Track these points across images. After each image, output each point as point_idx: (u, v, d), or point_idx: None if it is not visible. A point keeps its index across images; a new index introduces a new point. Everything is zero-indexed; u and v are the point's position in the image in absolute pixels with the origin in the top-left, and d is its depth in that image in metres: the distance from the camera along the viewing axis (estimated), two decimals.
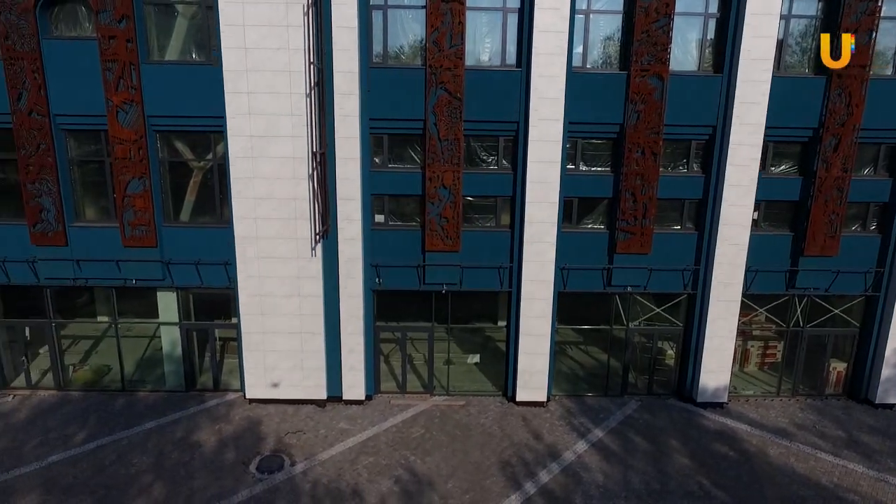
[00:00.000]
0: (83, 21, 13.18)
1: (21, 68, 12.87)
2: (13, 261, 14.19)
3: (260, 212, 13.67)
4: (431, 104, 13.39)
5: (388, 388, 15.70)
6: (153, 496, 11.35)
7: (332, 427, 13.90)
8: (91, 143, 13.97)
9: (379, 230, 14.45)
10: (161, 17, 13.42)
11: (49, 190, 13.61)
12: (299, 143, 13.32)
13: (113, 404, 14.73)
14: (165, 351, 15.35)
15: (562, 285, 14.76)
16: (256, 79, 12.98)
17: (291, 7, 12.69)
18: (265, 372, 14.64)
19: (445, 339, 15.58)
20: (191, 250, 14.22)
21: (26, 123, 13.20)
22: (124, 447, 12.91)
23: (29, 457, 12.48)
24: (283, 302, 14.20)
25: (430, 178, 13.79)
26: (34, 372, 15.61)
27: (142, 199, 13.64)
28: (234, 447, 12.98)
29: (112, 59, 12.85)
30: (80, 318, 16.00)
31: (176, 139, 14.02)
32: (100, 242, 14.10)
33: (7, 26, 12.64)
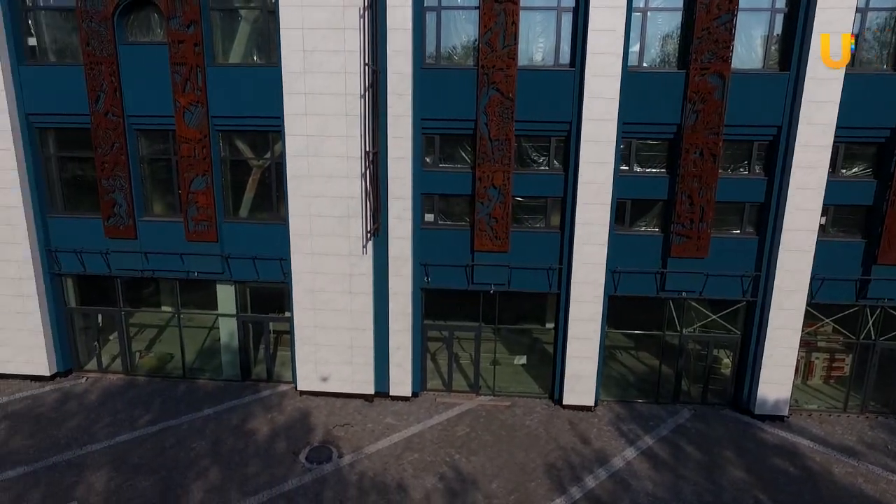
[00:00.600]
0: (155, 27, 13.95)
1: (99, 72, 13.77)
2: (89, 252, 15.19)
3: (314, 209, 14.07)
4: (483, 104, 13.42)
5: (435, 386, 15.83)
6: (210, 480, 11.88)
7: (378, 422, 14.15)
8: (160, 142, 14.76)
9: (428, 229, 14.59)
10: (225, 22, 14.04)
11: (121, 186, 14.49)
12: (353, 142, 13.62)
13: (175, 390, 15.53)
14: (223, 341, 16.03)
15: (612, 289, 14.46)
16: (313, 80, 13.37)
17: (348, 10, 13.00)
18: (316, 365, 15.05)
19: (492, 339, 15.57)
20: (248, 245, 14.81)
21: (103, 124, 14.10)
22: (184, 431, 13.58)
23: (99, 435, 13.32)
24: (334, 298, 14.56)
25: (480, 178, 13.82)
26: (105, 356, 16.65)
27: (204, 195, 14.31)
28: (286, 437, 13.42)
29: (180, 63, 13.55)
30: (147, 308, 16.94)
31: (237, 138, 14.62)
32: (165, 236, 14.90)
33: (88, 33, 13.55)
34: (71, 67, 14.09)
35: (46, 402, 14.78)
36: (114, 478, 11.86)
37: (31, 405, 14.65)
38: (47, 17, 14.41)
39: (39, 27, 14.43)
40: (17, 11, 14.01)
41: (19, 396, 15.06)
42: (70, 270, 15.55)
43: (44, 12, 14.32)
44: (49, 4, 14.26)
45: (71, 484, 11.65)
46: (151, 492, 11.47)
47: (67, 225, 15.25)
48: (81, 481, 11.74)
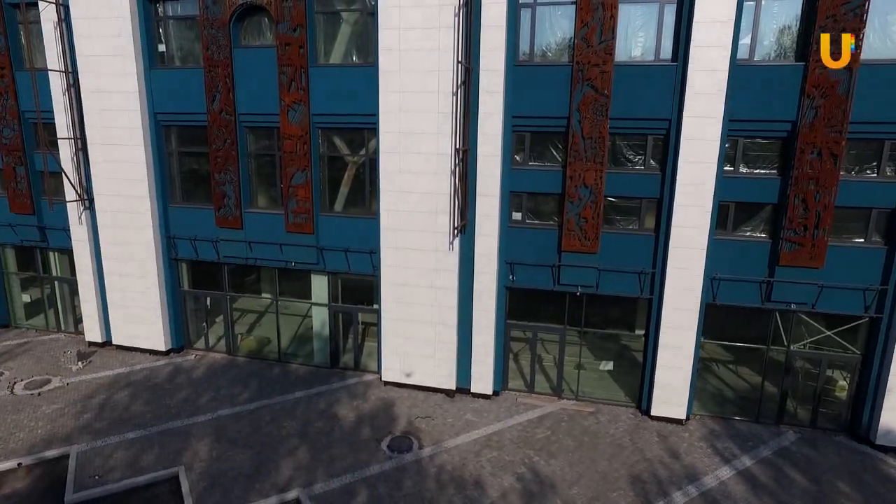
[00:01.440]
0: (265, 31, 14.95)
1: (216, 74, 14.98)
2: (201, 240, 16.57)
3: (403, 205, 14.43)
4: (576, 101, 13.10)
5: (516, 385, 15.68)
6: (298, 458, 12.54)
7: (459, 417, 14.24)
8: (265, 138, 15.79)
9: (516, 227, 14.47)
10: (328, 25, 14.74)
11: (231, 179, 15.66)
12: (444, 139, 13.81)
13: (270, 372, 16.56)
14: (315, 329, 16.87)
15: (711, 296, 13.58)
16: (408, 78, 13.70)
17: (444, 9, 13.19)
18: (400, 357, 15.43)
19: (577, 342, 15.16)
20: (342, 238, 15.47)
21: (217, 122, 15.32)
22: (277, 411, 14.43)
23: (204, 408, 14.50)
24: (420, 292, 14.85)
25: (570, 177, 13.51)
26: (211, 337, 18.09)
27: (303, 189, 15.12)
28: (369, 424, 13.87)
29: (287, 64, 14.42)
30: (249, 294, 18.18)
31: (335, 135, 15.31)
32: (267, 227, 15.91)
33: (208, 38, 14.78)
34: (192, 70, 15.46)
35: (161, 375, 16.31)
36: (215, 448, 12.85)
37: (149, 376, 16.23)
38: (174, 26, 15.91)
39: (168, 35, 15.96)
40: (151, 21, 15.58)
41: (139, 367, 16.74)
42: (185, 256, 17.06)
43: (172, 21, 15.81)
44: (177, 14, 15.70)
45: (179, 450, 12.76)
46: (247, 465, 12.29)
47: (184, 214, 16.74)
48: (187, 448, 12.82)
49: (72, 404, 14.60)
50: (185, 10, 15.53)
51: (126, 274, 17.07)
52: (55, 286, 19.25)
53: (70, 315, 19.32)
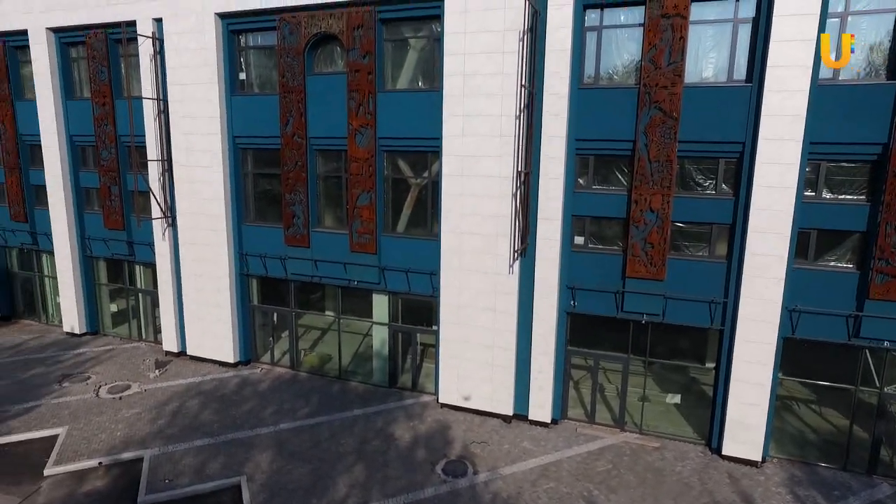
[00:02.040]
0: (337, 59, 15.64)
1: (290, 100, 15.78)
2: (271, 257, 17.32)
3: (464, 227, 14.50)
4: (643, 124, 12.79)
5: (576, 415, 15.18)
6: (354, 476, 12.65)
7: (515, 444, 13.94)
8: (333, 161, 16.40)
9: (578, 252, 14.19)
10: (396, 51, 15.24)
11: (300, 200, 16.33)
12: (505, 162, 13.83)
13: (331, 389, 16.91)
14: (375, 348, 17.11)
15: (790, 330, 12.69)
16: (471, 103, 13.89)
17: (508, 34, 13.34)
18: (458, 380, 15.35)
19: (642, 372, 14.53)
20: (403, 259, 15.71)
21: (290, 145, 16.09)
22: (336, 428, 14.67)
23: (267, 421, 14.97)
24: (479, 315, 14.78)
25: (636, 201, 13.13)
26: (276, 351, 18.74)
27: (368, 210, 15.53)
28: (425, 446, 13.82)
29: (355, 90, 14.99)
30: (313, 311, 18.73)
31: (399, 158, 15.69)
32: (333, 246, 16.42)
33: (284, 66, 15.65)
34: (268, 96, 16.38)
35: (229, 386, 17.02)
36: (275, 460, 13.20)
37: (218, 386, 16.98)
38: (254, 55, 16.95)
39: (248, 63, 17.03)
40: (234, 51, 16.69)
41: (209, 378, 17.56)
42: (255, 272, 17.87)
43: (252, 50, 16.87)
44: (257, 44, 16.75)
45: (242, 460, 13.20)
46: (305, 479, 12.53)
47: (256, 232, 17.58)
48: (250, 459, 13.25)
49: (148, 410, 15.48)
50: (265, 41, 16.54)
51: (201, 288, 18.07)
52: (139, 298, 20.65)
53: (151, 325, 20.62)
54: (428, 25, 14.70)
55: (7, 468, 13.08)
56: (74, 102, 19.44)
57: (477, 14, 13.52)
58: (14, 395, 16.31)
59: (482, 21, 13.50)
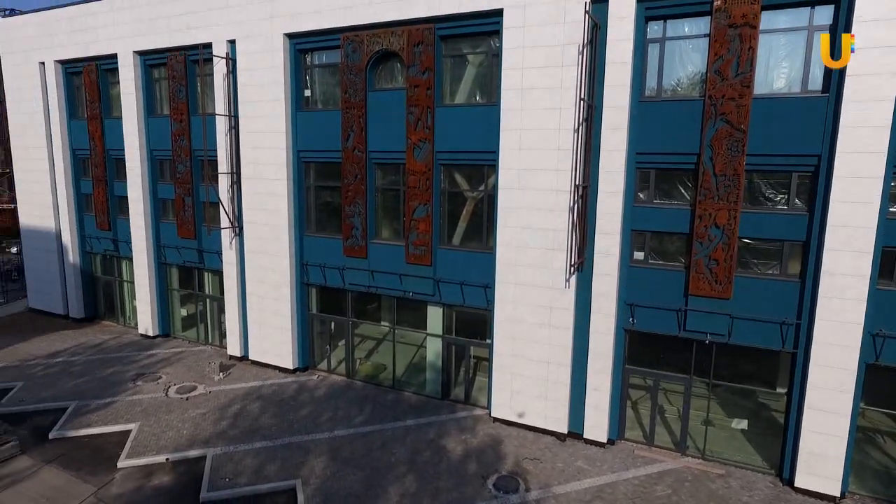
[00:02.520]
0: (397, 75, 16.04)
1: (352, 115, 16.30)
2: (330, 267, 17.82)
3: (520, 240, 14.42)
4: (708, 137, 12.37)
5: (634, 436, 14.65)
6: (406, 486, 12.71)
7: (569, 463, 13.59)
8: (392, 174, 16.75)
9: (637, 267, 13.80)
10: (454, 67, 15.47)
11: (359, 212, 16.76)
12: (563, 176, 13.70)
13: (384, 398, 17.11)
14: (429, 360, 17.20)
15: (873, 355, 11.80)
16: (529, 116, 13.88)
17: (568, 48, 13.28)
18: (511, 395, 15.18)
19: (705, 395, 13.88)
20: (458, 271, 15.78)
21: (350, 158, 16.58)
22: (388, 437, 14.81)
23: (322, 427, 15.30)
24: (533, 329, 14.60)
25: (700, 216, 12.67)
26: (333, 359, 19.17)
27: (424, 223, 15.74)
28: (476, 460, 13.71)
29: (414, 105, 15.31)
30: (369, 321, 19.07)
31: (456, 171, 15.84)
32: (389, 258, 16.71)
33: (347, 83, 16.21)
34: (331, 112, 16.98)
35: (288, 391, 17.55)
36: (329, 466, 13.45)
37: (277, 391, 17.53)
38: (318, 73, 17.66)
39: (313, 81, 17.74)
40: (300, 70, 17.45)
41: (270, 383, 18.16)
42: (315, 282, 18.42)
43: (317, 68, 17.58)
44: (322, 62, 17.45)
45: (298, 464, 13.54)
46: (357, 486, 12.69)
47: (316, 243, 18.15)
48: (306, 463, 13.56)
49: (212, 411, 16.17)
50: (329, 59, 17.21)
51: (264, 296, 18.80)
52: (207, 303, 21.71)
53: (216, 330, 21.60)
54: (486, 41, 14.86)
55: (85, 458, 13.98)
56: (155, 119, 20.85)
57: (535, 29, 13.56)
58: (94, 390, 17.45)
59: (541, 36, 13.52)
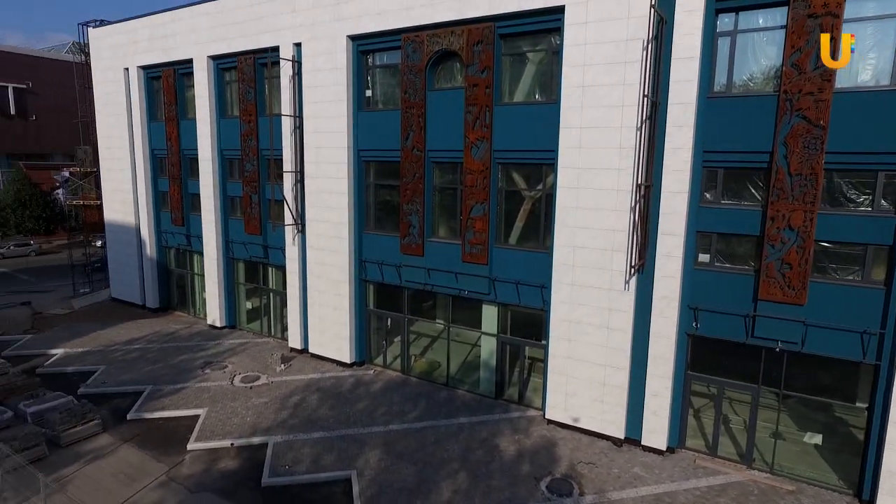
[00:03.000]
0: (456, 74, 16.14)
1: (411, 115, 16.53)
2: (387, 264, 18.15)
3: (578, 240, 14.18)
4: (783, 134, 11.74)
5: (695, 445, 14.10)
6: (458, 482, 12.77)
7: (625, 469, 13.24)
8: (449, 173, 16.87)
9: (702, 270, 13.26)
10: (514, 65, 15.40)
11: (417, 210, 16.98)
12: (624, 175, 13.36)
13: (438, 394, 17.25)
14: (483, 358, 17.20)
15: None
16: (589, 114, 13.63)
17: (631, 44, 12.94)
18: (566, 397, 14.95)
19: (775, 406, 13.16)
20: (514, 271, 15.69)
21: (409, 158, 16.82)
22: (441, 433, 14.92)
23: (378, 420, 15.61)
24: (590, 331, 14.33)
25: (772, 218, 12.04)
26: (389, 355, 19.51)
27: (481, 221, 15.75)
28: (530, 461, 13.59)
29: (473, 104, 15.35)
30: (425, 319, 19.26)
31: (513, 170, 15.76)
32: (445, 256, 16.83)
33: (406, 83, 16.45)
34: (391, 112, 17.29)
35: (345, 385, 18.01)
36: (384, 459, 13.70)
37: (335, 384, 18.03)
38: (379, 73, 18.02)
39: (374, 81, 18.13)
40: (362, 70, 17.87)
41: (328, 376, 18.70)
42: (372, 278, 18.81)
43: (378, 69, 17.96)
44: (383, 63, 17.80)
45: (353, 455, 13.87)
46: (411, 480, 12.86)
47: (374, 240, 18.54)
48: (361, 455, 13.88)
49: (274, 400, 16.83)
50: (390, 60, 17.53)
51: (323, 291, 19.37)
52: (270, 297, 22.60)
53: (279, 323, 22.45)
54: (546, 38, 14.71)
55: (159, 439, 14.88)
56: (226, 120, 21.92)
57: (598, 25, 13.29)
58: (167, 376, 18.55)
59: (603, 32, 13.24)
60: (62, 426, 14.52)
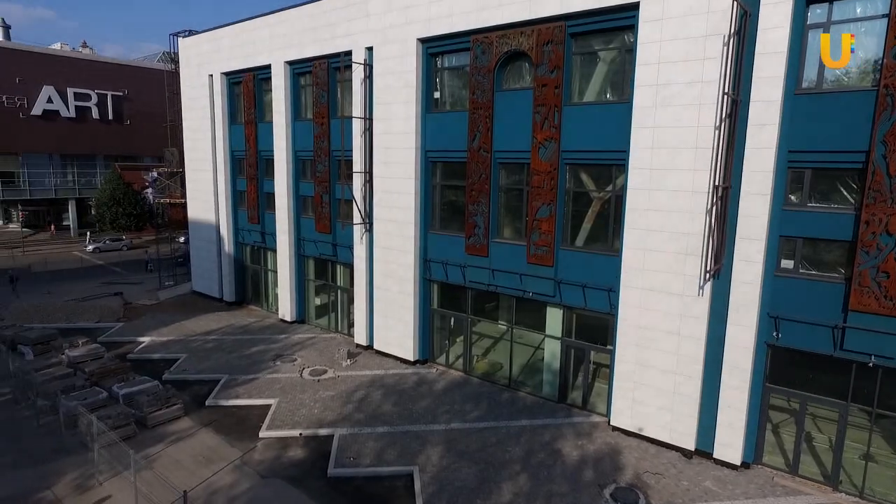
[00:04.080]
0: (525, 75, 16.05)
1: (479, 116, 16.60)
2: (452, 264, 18.30)
3: (649, 243, 13.74)
4: (881, 132, 10.89)
5: (773, 462, 13.29)
6: (519, 484, 12.67)
7: (696, 482, 12.67)
8: (516, 173, 16.79)
9: (784, 277, 12.51)
10: (584, 64, 15.13)
11: (482, 211, 17.01)
12: (700, 176, 12.82)
13: (500, 396, 17.19)
14: (546, 361, 16.99)
15: None
16: (664, 114, 13.18)
17: (711, 40, 12.42)
18: (632, 404, 14.51)
19: (866, 425, 12.21)
20: (580, 273, 15.41)
21: (475, 158, 16.89)
22: (503, 434, 14.86)
23: (440, 419, 15.75)
24: (660, 337, 13.84)
25: (867, 222, 11.18)
26: (451, 354, 19.64)
27: (547, 223, 15.58)
28: (593, 467, 13.29)
29: (541, 104, 15.21)
30: (487, 319, 19.26)
31: (582, 171, 15.48)
32: (510, 257, 16.76)
33: (475, 85, 16.54)
34: (458, 113, 17.44)
35: (408, 382, 18.29)
36: (445, 457, 13.81)
37: (398, 381, 18.35)
38: (447, 75, 18.21)
39: (442, 83, 18.34)
40: (431, 72, 18.13)
41: (392, 372, 19.06)
42: (437, 278, 19.01)
43: (446, 71, 18.15)
44: (451, 65, 17.99)
45: (416, 451, 14.07)
46: (471, 479, 12.89)
47: (439, 240, 18.73)
48: (423, 451, 14.05)
49: (340, 394, 17.34)
50: (458, 61, 17.69)
51: (389, 289, 19.78)
52: (338, 294, 23.32)
53: (345, 319, 23.12)
54: (619, 36, 14.36)
55: (233, 426, 15.70)
56: (300, 123, 22.85)
57: (675, 21, 12.84)
58: (241, 367, 19.54)
59: (680, 28, 12.78)
60: (149, 408, 15.61)
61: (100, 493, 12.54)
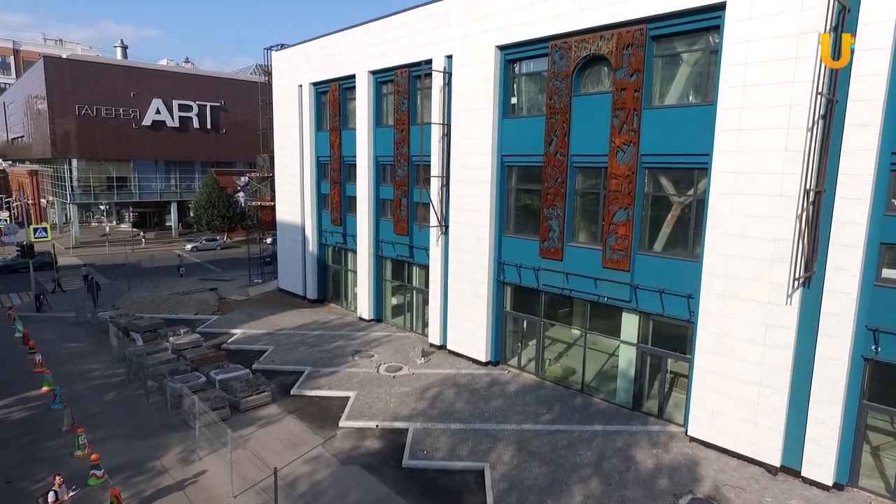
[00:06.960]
0: (604, 79, 16.00)
1: (556, 120, 16.72)
2: (525, 267, 18.46)
3: (732, 249, 13.29)
4: None
5: (871, 486, 12.41)
6: (590, 488, 12.63)
7: (780, 500, 12.08)
8: (592, 178, 16.73)
9: (886, 287, 11.72)
10: (665, 67, 14.89)
11: (557, 215, 17.08)
12: (789, 180, 12.28)
13: (572, 400, 17.13)
14: (621, 368, 16.75)
15: None
16: (750, 115, 12.75)
17: (804, 38, 11.90)
18: (712, 415, 14.04)
19: None
20: (657, 278, 15.12)
21: (552, 162, 17.00)
22: (575, 438, 14.83)
23: (512, 419, 15.94)
24: (743, 347, 13.33)
25: None
26: (523, 357, 19.77)
27: (624, 227, 15.42)
28: (668, 477, 13.00)
29: (620, 108, 15.11)
30: (561, 324, 19.24)
31: (661, 175, 15.20)
32: (585, 261, 16.70)
33: (552, 89, 16.68)
34: (534, 118, 17.62)
35: (480, 382, 18.62)
36: (516, 456, 13.99)
37: (470, 381, 18.71)
38: (525, 81, 18.45)
39: (519, 89, 18.61)
40: (508, 79, 18.46)
41: (464, 372, 19.46)
42: (510, 280, 19.23)
43: (523, 77, 18.41)
44: (529, 71, 18.22)
45: (487, 449, 14.35)
46: (542, 479, 13.00)
47: (513, 243, 18.95)
48: (493, 450, 14.31)
49: (414, 390, 17.95)
50: (536, 67, 17.89)
51: (463, 290, 20.22)
52: (413, 295, 24.07)
53: (420, 319, 23.82)
54: (704, 38, 14.03)
55: (316, 415, 16.69)
56: (381, 129, 23.88)
57: (764, 20, 12.41)
58: (322, 360, 20.67)
59: (770, 27, 12.33)
60: (242, 394, 16.93)
61: (199, 466, 13.81)
